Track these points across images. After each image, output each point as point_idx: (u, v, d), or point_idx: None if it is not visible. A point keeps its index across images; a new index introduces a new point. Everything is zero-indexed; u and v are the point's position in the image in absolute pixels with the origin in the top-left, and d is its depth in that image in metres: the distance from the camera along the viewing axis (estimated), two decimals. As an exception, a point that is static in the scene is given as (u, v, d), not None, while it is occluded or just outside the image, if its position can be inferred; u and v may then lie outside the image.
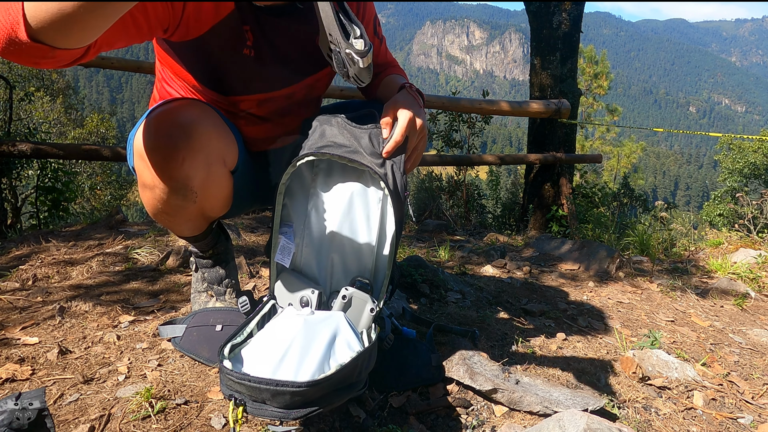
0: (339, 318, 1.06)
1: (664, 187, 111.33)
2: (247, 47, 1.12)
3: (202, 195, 1.13)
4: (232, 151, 1.18)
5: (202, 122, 1.08)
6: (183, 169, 1.06)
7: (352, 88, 3.89)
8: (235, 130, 1.25)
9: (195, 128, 1.05)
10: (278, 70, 1.20)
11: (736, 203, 7.68)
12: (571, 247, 2.82)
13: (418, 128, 1.15)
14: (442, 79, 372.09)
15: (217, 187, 1.17)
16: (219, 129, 1.13)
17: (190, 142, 1.05)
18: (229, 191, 1.22)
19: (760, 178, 19.64)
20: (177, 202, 1.11)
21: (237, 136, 1.23)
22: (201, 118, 1.08)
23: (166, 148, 1.03)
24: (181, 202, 1.12)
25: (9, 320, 1.53)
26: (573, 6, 5.01)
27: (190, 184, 1.09)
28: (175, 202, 1.11)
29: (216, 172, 1.13)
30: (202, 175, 1.09)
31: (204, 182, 1.11)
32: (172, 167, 1.05)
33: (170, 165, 1.05)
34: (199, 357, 1.29)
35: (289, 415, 0.84)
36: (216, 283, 1.44)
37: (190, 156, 1.05)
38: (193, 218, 1.21)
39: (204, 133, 1.07)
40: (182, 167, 1.06)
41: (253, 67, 1.16)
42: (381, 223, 1.17)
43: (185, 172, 1.06)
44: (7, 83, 4.57)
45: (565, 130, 4.90)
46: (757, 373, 1.59)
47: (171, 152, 1.04)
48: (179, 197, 1.10)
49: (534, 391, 1.17)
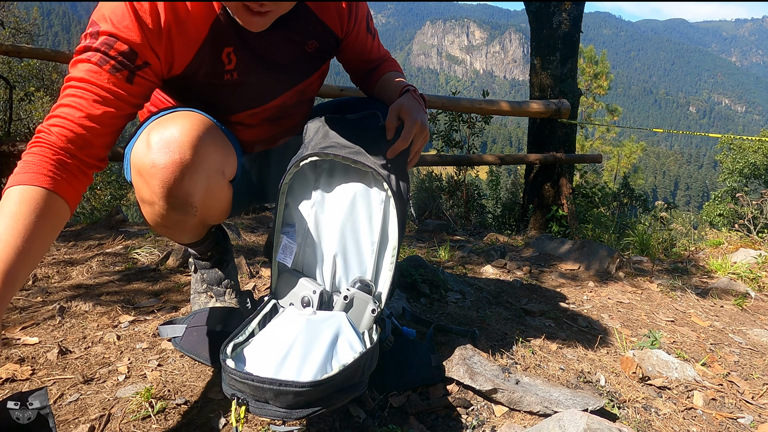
0: (341, 318, 1.06)
1: (664, 187, 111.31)
2: (227, 72, 1.10)
3: (203, 208, 1.11)
4: (232, 161, 1.16)
5: (201, 136, 1.04)
6: (183, 186, 1.03)
7: (352, 88, 3.89)
8: (232, 136, 1.23)
9: (194, 144, 1.02)
10: (266, 84, 1.19)
11: (736, 203, 7.69)
12: (571, 247, 2.82)
13: (423, 134, 1.19)
14: (442, 79, 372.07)
15: (217, 200, 1.15)
16: (217, 141, 1.10)
17: (190, 158, 1.01)
18: (229, 201, 1.21)
19: (760, 178, 19.64)
20: (177, 217, 1.09)
21: (234, 143, 1.21)
22: (199, 132, 1.04)
23: (165, 166, 1.00)
24: (182, 217, 1.09)
25: (9, 320, 1.53)
26: (573, 6, 5.01)
27: (191, 200, 1.06)
28: (175, 217, 1.09)
29: (216, 185, 1.11)
30: (202, 190, 1.07)
31: (204, 197, 1.09)
32: (172, 185, 1.02)
33: (170, 183, 1.01)
34: (199, 357, 1.29)
35: (292, 415, 0.84)
36: (215, 284, 1.44)
37: (189, 172, 1.02)
38: (193, 229, 1.20)
39: (203, 147, 1.04)
40: (182, 184, 1.02)
41: (238, 89, 1.15)
42: (383, 224, 1.17)
43: (185, 189, 1.03)
44: (7, 83, 4.57)
45: (565, 130, 4.90)
46: (757, 373, 1.59)
47: (171, 170, 1.00)
48: (179, 213, 1.08)
49: (534, 391, 1.17)
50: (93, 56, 0.93)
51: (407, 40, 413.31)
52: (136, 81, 0.98)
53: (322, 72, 1.29)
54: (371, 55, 1.37)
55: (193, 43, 1.03)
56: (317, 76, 1.29)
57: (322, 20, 1.17)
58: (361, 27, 1.27)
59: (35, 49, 3.93)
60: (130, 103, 0.99)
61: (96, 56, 0.93)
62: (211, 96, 1.16)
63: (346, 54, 1.32)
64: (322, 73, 1.29)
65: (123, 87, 0.96)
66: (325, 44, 1.22)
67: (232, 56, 1.09)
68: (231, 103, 1.19)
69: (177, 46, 1.01)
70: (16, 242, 0.80)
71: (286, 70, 1.19)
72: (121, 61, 0.95)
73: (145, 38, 0.96)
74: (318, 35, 1.19)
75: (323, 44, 1.21)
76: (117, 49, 0.94)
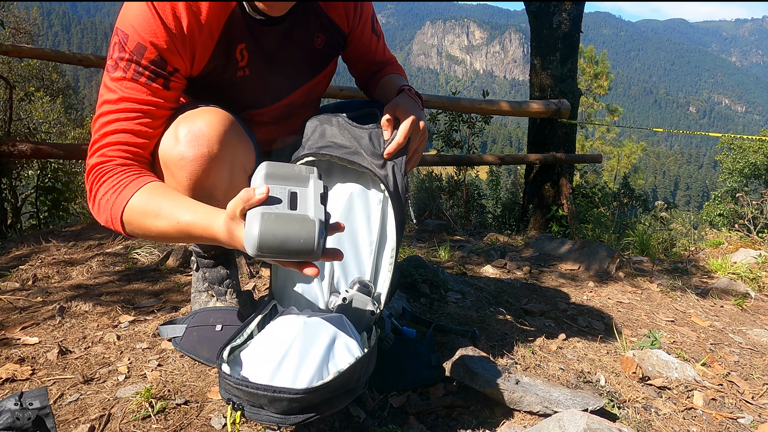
0: (339, 320, 1.06)
1: (664, 187, 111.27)
2: (240, 69, 1.12)
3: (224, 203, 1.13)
4: (251, 157, 1.19)
5: (227, 131, 1.08)
6: (210, 179, 1.06)
7: (352, 88, 3.89)
8: (250, 132, 1.26)
9: (221, 138, 1.06)
10: (275, 82, 1.20)
11: (736, 203, 7.68)
12: (571, 247, 2.82)
13: (420, 130, 1.17)
14: (442, 79, 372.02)
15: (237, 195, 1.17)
16: (241, 136, 1.13)
17: (217, 152, 1.05)
18: None
19: (761, 178, 19.63)
20: None
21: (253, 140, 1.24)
22: (225, 127, 1.08)
23: (194, 159, 1.03)
24: None
25: (9, 320, 1.53)
26: (573, 6, 5.01)
27: (215, 194, 1.09)
28: None
29: (238, 180, 1.14)
30: (226, 184, 1.10)
31: (227, 191, 1.11)
32: (200, 177, 1.05)
33: (198, 176, 1.05)
34: (199, 357, 1.29)
35: (287, 421, 0.84)
36: (217, 283, 1.44)
37: (216, 166, 1.06)
38: None
39: (228, 142, 1.07)
40: (209, 178, 1.06)
41: (250, 86, 1.17)
42: (381, 224, 1.17)
43: (211, 182, 1.07)
44: (7, 83, 4.56)
45: (565, 130, 4.90)
46: (757, 373, 1.59)
47: (199, 163, 1.04)
48: None
49: (534, 391, 1.17)
50: (127, 70, 0.97)
51: (407, 40, 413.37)
52: (171, 86, 1.03)
53: (329, 71, 1.30)
54: (376, 56, 1.38)
55: (211, 41, 1.05)
56: (324, 75, 1.30)
57: (329, 15, 1.20)
58: (366, 25, 1.28)
59: (35, 49, 3.93)
60: (169, 107, 1.04)
61: (130, 70, 0.97)
62: (224, 93, 1.17)
63: (351, 53, 1.33)
64: (329, 72, 1.30)
65: (161, 95, 1.01)
66: (331, 39, 1.23)
67: (244, 52, 1.11)
68: (242, 100, 1.20)
69: (198, 46, 1.03)
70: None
71: (294, 67, 1.21)
72: (154, 70, 0.99)
73: (172, 44, 0.99)
74: (325, 29, 1.20)
75: (330, 39, 1.23)
76: (148, 58, 0.97)
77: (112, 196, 0.96)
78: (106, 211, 0.98)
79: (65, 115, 13.11)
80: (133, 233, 0.99)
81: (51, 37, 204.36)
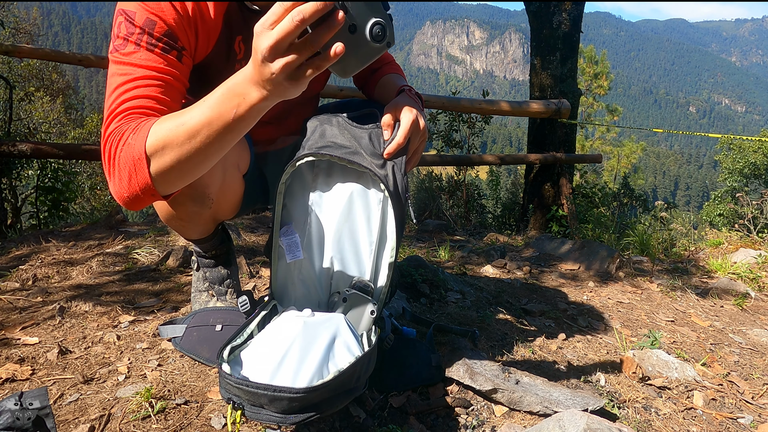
0: (339, 320, 1.06)
1: (664, 187, 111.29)
2: (238, 62, 1.11)
3: (218, 201, 1.14)
4: (246, 155, 1.19)
5: None
6: (202, 177, 1.03)
7: (351, 88, 3.89)
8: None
9: None
10: None
11: (736, 203, 7.68)
12: (571, 247, 2.82)
13: (421, 130, 1.16)
14: (442, 79, 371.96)
15: (231, 193, 1.17)
16: None
17: None
18: (241, 195, 1.23)
19: (761, 178, 19.63)
20: (194, 209, 1.11)
21: (248, 139, 1.24)
22: None
23: None
24: (198, 209, 1.12)
25: (9, 320, 1.53)
26: (573, 6, 5.01)
27: (208, 192, 1.08)
28: (192, 209, 1.11)
29: (231, 178, 1.14)
30: (218, 182, 1.09)
31: (220, 189, 1.11)
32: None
33: None
34: (199, 357, 1.29)
35: (287, 420, 0.84)
36: (217, 283, 1.44)
37: None
38: (205, 222, 1.22)
39: None
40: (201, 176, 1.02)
41: None
42: (381, 224, 1.16)
43: (204, 180, 1.06)
44: (7, 83, 4.57)
45: (565, 130, 4.90)
46: (757, 373, 1.59)
47: None
48: (196, 204, 1.10)
49: (534, 391, 1.17)
50: (140, 42, 0.90)
51: (407, 40, 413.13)
52: (184, 61, 0.96)
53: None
54: None
55: (213, 31, 1.03)
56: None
57: None
58: None
59: (35, 49, 3.93)
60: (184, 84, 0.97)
61: (143, 41, 0.90)
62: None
63: None
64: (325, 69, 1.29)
65: (177, 67, 0.94)
66: None
67: (241, 45, 1.10)
68: None
69: (201, 34, 1.01)
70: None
71: None
72: (167, 42, 0.92)
73: (180, 21, 0.94)
74: None
75: None
76: (159, 31, 0.91)
77: (133, 139, 0.85)
78: (127, 160, 0.84)
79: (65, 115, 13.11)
80: (160, 170, 0.84)
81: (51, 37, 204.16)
